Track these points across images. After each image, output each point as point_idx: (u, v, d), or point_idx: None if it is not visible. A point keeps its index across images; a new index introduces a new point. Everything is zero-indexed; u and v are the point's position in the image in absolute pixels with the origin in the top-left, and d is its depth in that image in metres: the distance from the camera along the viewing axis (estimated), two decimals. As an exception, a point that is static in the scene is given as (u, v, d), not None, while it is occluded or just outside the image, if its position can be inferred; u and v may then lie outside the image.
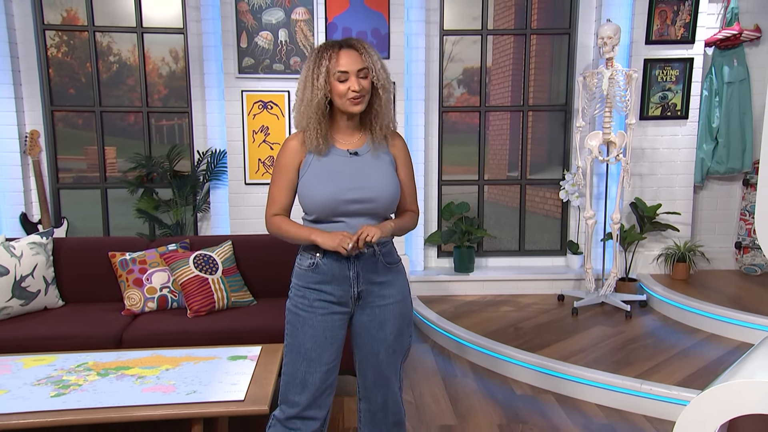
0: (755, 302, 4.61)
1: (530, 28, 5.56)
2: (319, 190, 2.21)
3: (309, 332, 2.25)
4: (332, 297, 2.26)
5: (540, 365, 3.84)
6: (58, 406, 2.45)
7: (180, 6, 5.25)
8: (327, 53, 2.16)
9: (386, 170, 2.28)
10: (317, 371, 2.24)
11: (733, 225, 5.63)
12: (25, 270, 3.63)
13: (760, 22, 5.29)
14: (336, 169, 2.23)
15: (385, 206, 2.26)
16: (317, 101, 2.16)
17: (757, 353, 1.70)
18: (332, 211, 2.22)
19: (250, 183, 5.21)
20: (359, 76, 2.16)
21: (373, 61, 2.19)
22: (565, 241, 5.74)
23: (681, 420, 1.58)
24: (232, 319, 3.54)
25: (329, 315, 2.26)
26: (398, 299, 2.33)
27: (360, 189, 2.22)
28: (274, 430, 2.27)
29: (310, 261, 2.27)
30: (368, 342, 2.34)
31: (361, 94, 2.17)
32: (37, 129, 5.18)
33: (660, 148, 5.34)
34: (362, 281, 2.26)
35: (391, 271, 2.32)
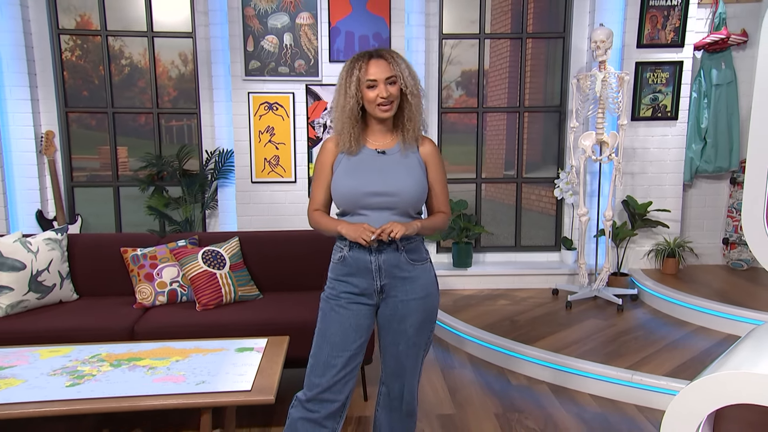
0: (742, 296, 4.61)
1: (526, 32, 5.56)
2: (344, 182, 2.29)
3: (336, 319, 2.31)
4: (356, 288, 2.32)
5: (535, 357, 3.85)
6: (73, 396, 2.46)
7: (189, 11, 5.25)
8: (358, 63, 2.24)
9: (412, 170, 2.31)
10: (340, 356, 2.28)
11: (720, 222, 5.63)
12: (41, 265, 3.64)
13: (746, 26, 5.28)
14: (363, 165, 2.30)
15: (407, 202, 2.29)
16: (350, 108, 2.25)
17: (743, 345, 1.70)
18: (355, 202, 2.28)
19: (257, 181, 5.22)
20: (387, 83, 2.22)
21: (401, 69, 2.24)
22: (560, 238, 5.74)
23: (670, 409, 1.59)
24: (239, 313, 3.55)
25: (354, 305, 2.32)
26: (421, 295, 2.35)
27: (382, 183, 2.27)
28: (294, 411, 2.29)
29: (339, 255, 2.33)
30: (390, 333, 2.38)
31: (389, 100, 2.24)
32: (52, 129, 5.18)
33: (651, 147, 5.34)
34: (385, 275, 2.30)
35: (416, 268, 2.34)
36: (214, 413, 2.60)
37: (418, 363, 2.44)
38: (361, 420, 3.30)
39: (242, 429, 3.20)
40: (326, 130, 5.22)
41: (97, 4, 5.20)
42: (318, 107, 5.19)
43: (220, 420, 3.09)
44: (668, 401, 3.11)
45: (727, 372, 1.50)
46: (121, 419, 3.29)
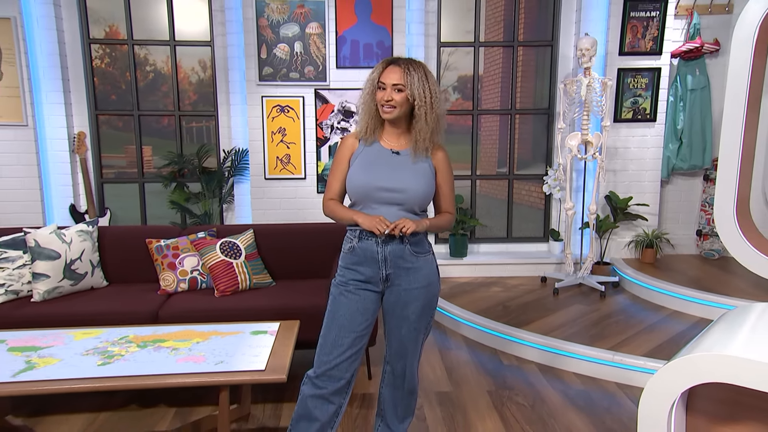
0: (713, 283, 4.61)
1: (517, 40, 5.54)
2: (358, 176, 2.31)
3: (344, 303, 2.32)
4: (363, 276, 2.33)
5: (525, 339, 3.86)
6: (104, 374, 2.48)
7: (208, 21, 5.24)
8: (380, 66, 2.29)
9: (421, 172, 2.32)
10: (348, 336, 2.30)
11: (694, 215, 5.62)
12: (74, 254, 3.65)
13: (718, 36, 5.27)
14: (377, 162, 2.32)
15: (414, 200, 2.30)
16: (368, 102, 2.30)
17: (715, 329, 1.70)
18: (366, 196, 2.29)
19: (270, 178, 5.22)
20: (395, 89, 2.23)
21: (411, 81, 2.23)
22: (548, 229, 5.74)
23: (648, 387, 1.59)
24: (254, 299, 3.55)
25: (362, 291, 2.33)
26: (423, 285, 2.35)
27: (392, 180, 2.28)
28: (305, 387, 2.30)
29: (349, 245, 2.35)
30: (393, 318, 2.39)
31: (391, 104, 2.25)
32: (83, 130, 5.19)
33: (631, 147, 5.33)
34: (390, 265, 2.31)
35: (419, 260, 2.34)
36: (231, 390, 2.61)
37: (419, 345, 2.44)
38: (365, 396, 3.31)
39: (257, 404, 3.21)
40: (333, 130, 5.22)
41: (124, 16, 5.20)
42: (326, 110, 5.19)
43: (237, 396, 3.12)
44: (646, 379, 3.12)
45: (700, 354, 1.51)
46: (148, 395, 3.30)
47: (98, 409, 3.18)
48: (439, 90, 2.31)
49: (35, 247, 3.56)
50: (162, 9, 5.24)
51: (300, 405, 2.31)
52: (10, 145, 4.90)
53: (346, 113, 5.22)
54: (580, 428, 2.99)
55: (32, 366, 2.55)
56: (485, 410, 3.17)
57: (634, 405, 3.20)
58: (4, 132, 4.88)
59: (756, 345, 1.52)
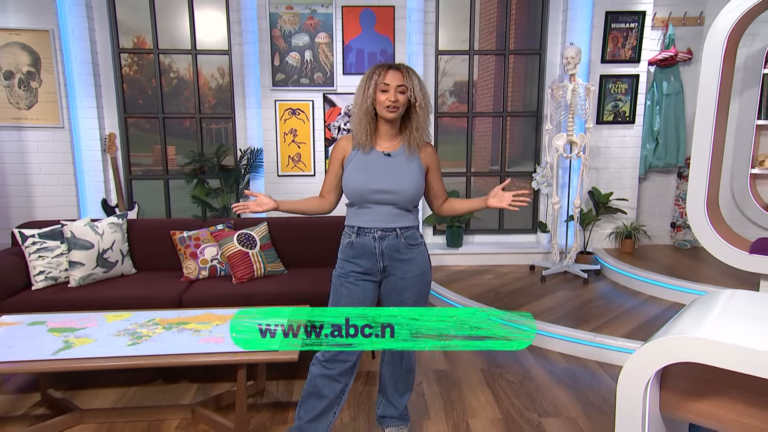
0: (686, 271, 4.61)
1: (508, 49, 5.53)
2: (354, 179, 2.28)
3: (345, 293, 2.32)
4: (362, 268, 2.32)
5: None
6: (133, 353, 2.49)
7: (226, 32, 5.23)
8: (378, 70, 2.24)
9: (413, 172, 2.30)
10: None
11: (669, 209, 5.62)
12: (106, 245, 3.67)
13: (691, 46, 5.25)
14: (371, 165, 2.29)
15: (406, 199, 2.29)
16: (366, 106, 2.25)
17: (687, 314, 1.71)
18: (363, 197, 2.27)
19: (282, 175, 5.23)
20: (398, 90, 2.21)
21: (413, 83, 2.23)
22: (536, 222, 5.74)
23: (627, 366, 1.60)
24: (267, 285, 3.56)
25: (361, 281, 2.32)
26: (417, 274, 2.35)
27: (385, 182, 2.26)
28: (314, 368, 2.30)
29: (348, 240, 2.34)
30: (391, 304, 2.38)
31: (396, 105, 2.22)
32: (114, 132, 5.20)
33: (612, 147, 5.32)
34: (386, 258, 2.30)
35: (413, 251, 2.33)
36: (248, 368, 2.62)
37: None
38: (369, 374, 3.33)
39: (271, 381, 3.23)
40: (340, 131, 5.21)
41: (150, 27, 5.19)
42: (333, 112, 5.19)
43: (253, 374, 3.13)
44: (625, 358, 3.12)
45: (673, 336, 1.51)
46: (172, 372, 3.32)
47: (128, 384, 3.21)
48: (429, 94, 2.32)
49: (71, 238, 3.57)
50: (184, 21, 5.23)
51: (309, 383, 2.31)
52: (48, 145, 4.91)
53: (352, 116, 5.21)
54: (565, 403, 3.00)
55: (70, 345, 2.57)
56: (478, 386, 3.18)
57: (614, 382, 3.21)
58: (43, 133, 4.89)
59: (723, 328, 1.53)
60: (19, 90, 4.80)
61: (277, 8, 4.97)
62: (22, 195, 4.94)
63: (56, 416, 2.80)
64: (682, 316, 1.71)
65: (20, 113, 4.83)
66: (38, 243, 3.58)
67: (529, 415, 2.88)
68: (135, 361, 2.45)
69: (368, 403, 2.97)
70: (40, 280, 3.53)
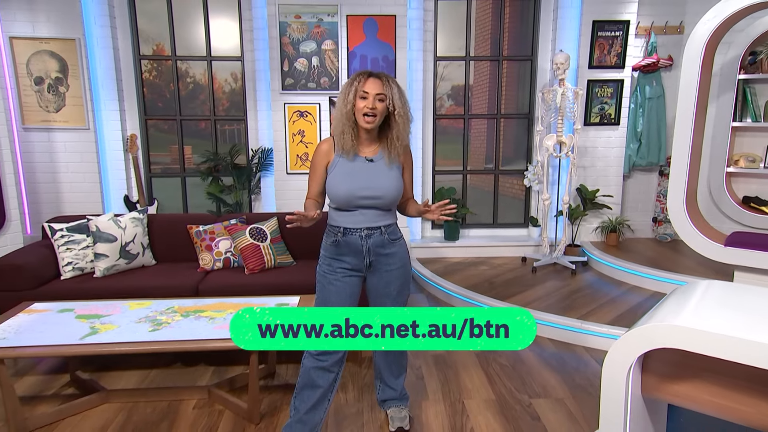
0: (666, 262, 4.61)
1: (502, 55, 5.51)
2: (340, 186, 2.21)
3: (333, 290, 2.27)
4: (349, 265, 2.27)
5: (507, 309, 3.87)
6: (154, 338, 2.52)
7: (238, 40, 5.23)
8: (359, 78, 2.16)
9: (394, 176, 2.26)
10: None
11: (651, 204, 5.61)
12: (128, 238, 3.68)
13: (672, 53, 5.23)
14: (355, 171, 2.22)
15: (390, 201, 2.26)
16: (347, 111, 2.16)
17: (667, 303, 1.72)
18: (349, 203, 2.22)
19: (291, 173, 5.23)
20: (377, 99, 2.14)
21: (392, 92, 2.15)
22: (528, 217, 5.74)
23: (611, 351, 1.61)
24: (277, 276, 3.57)
25: (348, 278, 2.27)
26: (399, 266, 2.33)
27: (371, 188, 2.21)
28: (307, 361, 2.26)
29: (333, 239, 2.27)
30: (378, 296, 2.36)
31: (374, 113, 2.15)
32: (135, 133, 5.20)
33: (598, 147, 5.32)
34: (372, 254, 2.27)
35: (395, 245, 2.31)
36: (260, 353, 2.63)
37: None
38: (371, 358, 3.33)
39: (281, 364, 3.24)
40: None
41: (168, 36, 5.19)
42: (339, 115, 5.18)
43: (265, 358, 3.15)
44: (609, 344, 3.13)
45: (654, 324, 1.52)
46: (190, 356, 3.34)
47: (149, 366, 3.23)
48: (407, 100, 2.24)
49: (96, 232, 3.59)
50: (200, 29, 5.23)
51: (303, 376, 2.27)
52: (75, 145, 4.91)
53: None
54: (553, 385, 3.01)
55: (95, 331, 2.59)
56: (473, 369, 3.19)
57: (599, 365, 3.22)
58: (70, 134, 4.90)
59: (700, 317, 1.53)
60: (48, 94, 4.80)
61: (286, 17, 4.97)
62: (51, 192, 4.96)
63: (84, 396, 2.82)
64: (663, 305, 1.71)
65: (49, 116, 4.84)
66: (66, 236, 3.60)
67: (520, 396, 2.89)
68: (155, 346, 2.47)
69: (371, 386, 2.98)
70: (68, 270, 3.55)
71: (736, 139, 4.86)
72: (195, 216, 4.09)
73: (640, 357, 1.59)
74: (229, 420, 2.66)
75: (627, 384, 1.58)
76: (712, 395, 1.54)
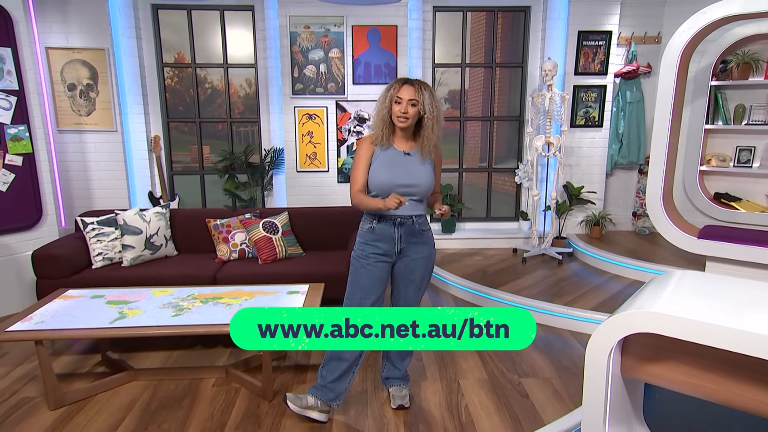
0: (645, 253, 4.61)
1: (495, 62, 5.49)
2: (380, 175, 2.26)
3: (365, 273, 2.30)
4: (381, 250, 2.30)
5: (499, 297, 3.88)
6: (176, 322, 2.53)
7: (252, 48, 5.22)
8: (395, 85, 2.22)
9: (427, 169, 2.30)
10: (369, 298, 2.30)
11: (631, 200, 5.60)
12: (152, 230, 3.70)
13: (651, 61, 5.20)
14: (394, 162, 2.27)
15: (423, 191, 2.30)
16: (383, 114, 2.24)
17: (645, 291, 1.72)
18: (387, 190, 2.25)
19: (300, 171, 5.24)
20: (409, 104, 2.19)
21: (423, 98, 2.20)
22: (518, 211, 5.74)
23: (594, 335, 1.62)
24: (288, 266, 3.59)
25: (379, 263, 2.31)
26: (425, 255, 2.36)
27: (407, 177, 2.26)
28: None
29: (369, 226, 2.31)
30: (402, 281, 2.39)
31: (406, 116, 2.21)
32: (158, 134, 5.20)
33: (583, 147, 5.30)
34: (403, 241, 2.30)
35: (424, 235, 2.34)
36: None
37: (418, 302, 2.46)
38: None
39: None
40: (350, 133, 5.21)
41: (188, 45, 5.18)
42: (344, 117, 5.18)
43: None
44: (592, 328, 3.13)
45: (633, 311, 1.53)
46: (209, 339, 3.36)
47: (172, 348, 3.25)
48: (441, 105, 2.27)
49: (123, 225, 3.61)
50: (217, 39, 5.22)
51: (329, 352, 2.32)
52: (104, 146, 4.93)
53: (360, 119, 5.21)
54: (541, 365, 3.03)
55: (123, 315, 2.61)
56: (468, 352, 3.20)
57: (583, 348, 3.23)
58: (100, 136, 4.91)
59: (675, 304, 1.54)
60: (80, 100, 4.81)
61: (296, 28, 4.96)
62: (82, 188, 4.97)
63: (114, 374, 2.85)
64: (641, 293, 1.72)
65: (81, 119, 4.85)
66: (96, 229, 3.62)
67: (511, 375, 2.91)
68: (178, 329, 2.49)
69: (375, 366, 3.00)
70: (99, 260, 3.57)
71: (709, 140, 4.85)
72: (213, 210, 4.10)
73: (620, 341, 1.60)
74: (244, 397, 2.68)
75: (608, 365, 1.59)
76: (685, 375, 1.55)
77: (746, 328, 1.34)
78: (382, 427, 2.43)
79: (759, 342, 1.31)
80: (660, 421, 2.25)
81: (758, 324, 1.36)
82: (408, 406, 2.57)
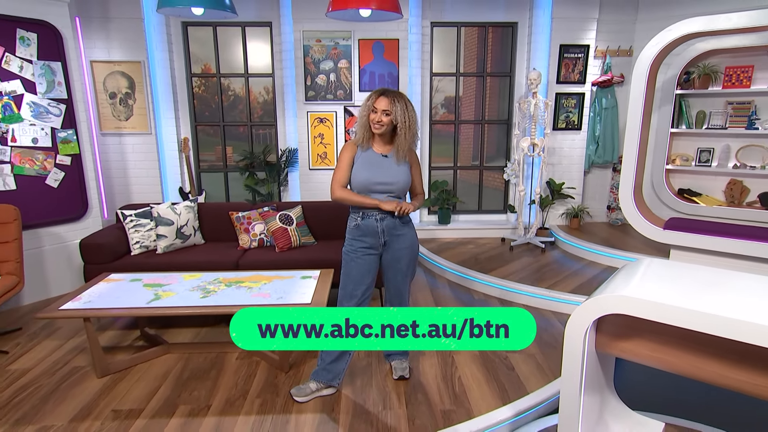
0: (618, 242, 4.61)
1: (486, 72, 5.46)
2: (361, 174, 2.25)
3: (354, 265, 2.30)
4: (367, 244, 2.30)
5: (489, 281, 3.89)
6: (204, 303, 2.55)
7: (270, 59, 5.20)
8: (373, 95, 2.22)
9: (403, 170, 2.29)
10: (360, 288, 2.29)
11: (606, 195, 5.58)
12: (182, 222, 3.71)
13: (623, 71, 5.17)
14: (373, 163, 2.26)
15: (400, 190, 2.28)
16: (363, 121, 2.24)
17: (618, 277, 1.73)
18: (367, 188, 2.25)
19: (312, 169, 5.23)
20: (383, 113, 2.18)
21: (396, 109, 2.18)
22: (506, 205, 5.73)
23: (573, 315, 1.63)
24: (302, 253, 3.60)
25: (367, 255, 2.31)
26: (408, 245, 2.34)
27: (384, 177, 2.25)
28: None
29: (354, 223, 2.31)
30: (390, 270, 2.38)
31: (380, 124, 2.20)
32: (187, 136, 5.20)
33: (564, 147, 5.28)
34: (386, 234, 2.29)
35: (405, 227, 2.33)
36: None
37: (408, 287, 2.44)
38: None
39: (307, 323, 3.27)
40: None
41: (214, 57, 5.17)
42: (351, 121, 5.16)
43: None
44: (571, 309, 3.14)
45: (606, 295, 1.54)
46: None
47: (201, 325, 3.28)
48: (415, 114, 2.24)
49: (157, 217, 3.62)
50: (239, 52, 5.20)
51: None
52: (140, 147, 4.93)
53: (366, 124, 5.19)
54: (525, 341, 3.04)
55: (158, 297, 2.64)
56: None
57: (562, 326, 3.24)
58: (137, 138, 4.91)
59: (643, 288, 1.55)
60: (119, 106, 4.82)
61: (309, 41, 4.94)
62: (122, 185, 4.99)
63: (151, 347, 2.88)
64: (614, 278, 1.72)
65: (120, 123, 4.86)
66: (134, 220, 3.64)
67: (499, 351, 2.92)
68: (205, 309, 2.50)
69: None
70: (136, 248, 3.59)
71: (674, 142, 4.82)
72: (235, 204, 4.11)
73: (595, 320, 1.61)
74: (264, 369, 2.71)
75: (584, 341, 1.60)
76: (651, 350, 1.56)
77: (705, 309, 1.35)
78: (385, 396, 2.45)
79: (716, 321, 1.32)
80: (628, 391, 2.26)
81: (715, 305, 1.37)
82: (408, 377, 2.59)
